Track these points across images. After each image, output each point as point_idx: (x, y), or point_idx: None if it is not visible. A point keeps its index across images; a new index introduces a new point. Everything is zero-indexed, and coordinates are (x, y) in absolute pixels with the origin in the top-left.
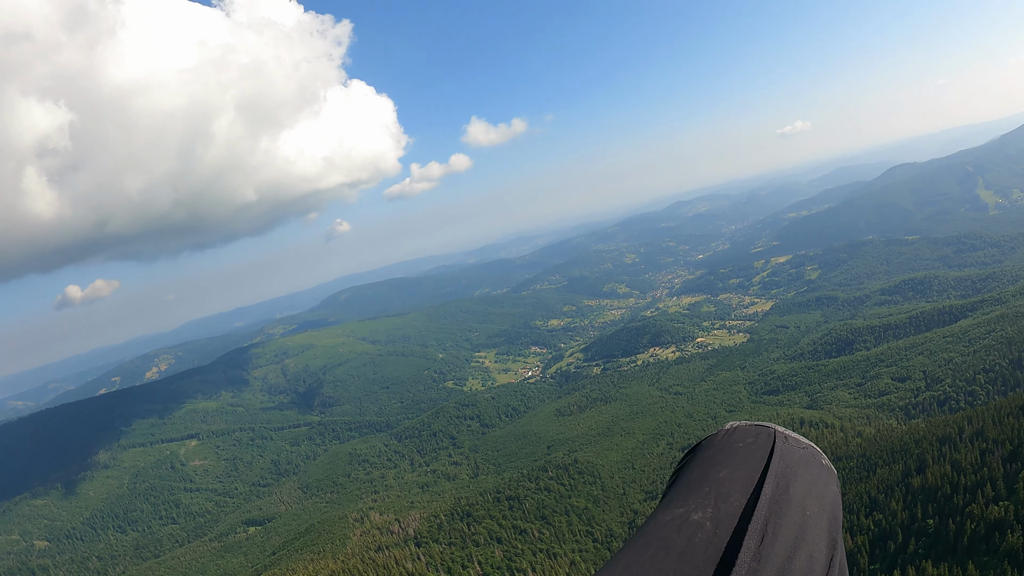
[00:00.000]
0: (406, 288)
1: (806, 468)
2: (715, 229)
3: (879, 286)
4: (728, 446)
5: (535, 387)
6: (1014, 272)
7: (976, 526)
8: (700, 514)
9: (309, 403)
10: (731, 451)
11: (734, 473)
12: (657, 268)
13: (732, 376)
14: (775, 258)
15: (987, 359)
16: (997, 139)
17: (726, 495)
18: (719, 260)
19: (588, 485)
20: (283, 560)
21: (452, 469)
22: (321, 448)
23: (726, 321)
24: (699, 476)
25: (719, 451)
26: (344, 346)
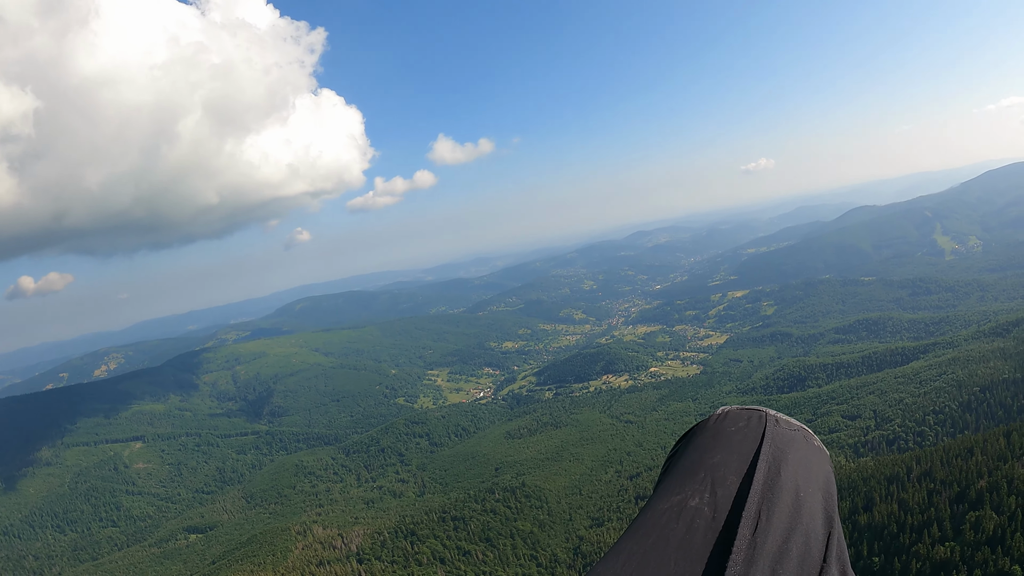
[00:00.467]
0: (363, 301)
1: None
2: (674, 260)
3: (834, 324)
4: (721, 431)
5: (486, 408)
6: (967, 317)
7: (921, 566)
8: (698, 500)
9: (258, 412)
10: (724, 436)
11: (728, 458)
12: (615, 296)
13: (684, 407)
14: (732, 292)
15: (937, 401)
16: (957, 186)
17: (722, 479)
18: (677, 291)
19: (535, 509)
20: (223, 570)
21: (399, 486)
22: (267, 458)
23: (680, 352)
24: (694, 462)
25: (712, 436)
26: (297, 356)
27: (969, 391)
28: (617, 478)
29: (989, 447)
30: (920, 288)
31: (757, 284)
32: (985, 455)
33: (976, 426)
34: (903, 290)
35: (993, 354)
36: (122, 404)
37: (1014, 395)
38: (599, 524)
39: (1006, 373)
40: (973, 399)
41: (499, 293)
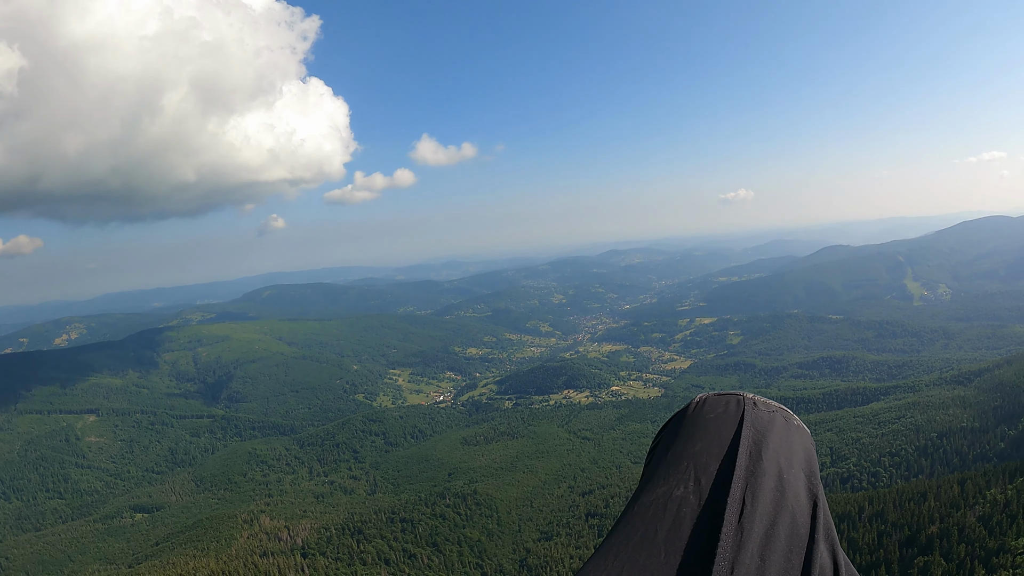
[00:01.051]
0: (331, 294)
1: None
2: (646, 282)
3: (798, 359)
4: (700, 418)
5: (445, 412)
6: (930, 363)
7: None
8: (682, 489)
9: (216, 395)
10: (704, 423)
11: (709, 444)
12: (583, 312)
13: (642, 428)
14: (700, 319)
15: (894, 443)
16: (932, 234)
17: (704, 467)
18: (645, 313)
19: (484, 517)
20: (165, 552)
21: (351, 483)
22: (221, 443)
23: (643, 373)
24: (676, 451)
25: (692, 424)
26: (260, 343)
27: (927, 436)
28: (570, 493)
29: (943, 493)
30: (886, 331)
31: (725, 313)
32: (938, 501)
33: (931, 471)
34: (869, 331)
35: (953, 401)
36: (80, 375)
37: (971, 444)
38: (548, 538)
39: (964, 421)
40: (930, 444)
41: (468, 298)
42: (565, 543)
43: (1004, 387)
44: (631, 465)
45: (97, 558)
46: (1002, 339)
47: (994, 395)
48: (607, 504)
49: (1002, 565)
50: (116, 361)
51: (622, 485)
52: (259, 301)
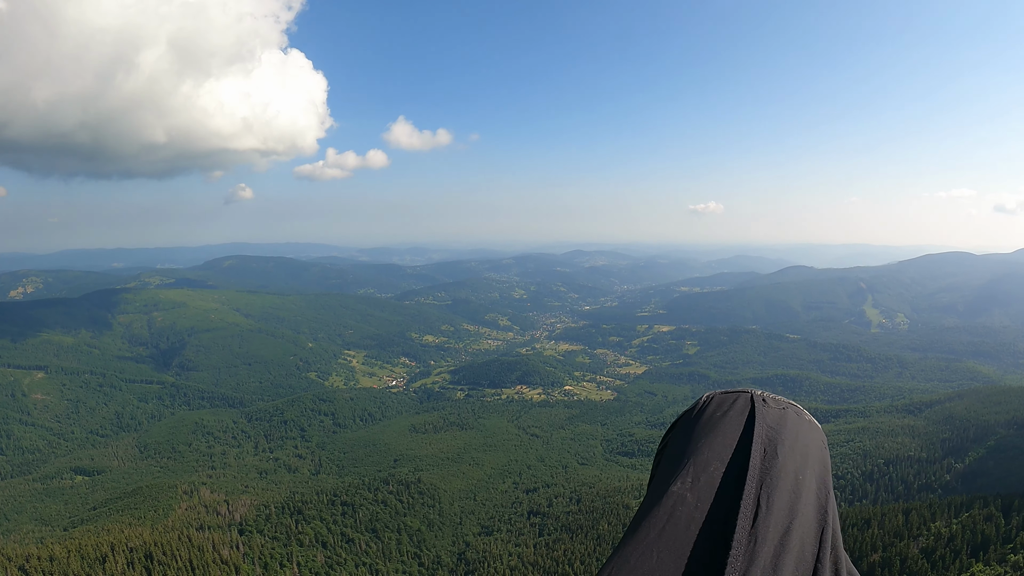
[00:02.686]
0: (292, 269)
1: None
2: (608, 285)
3: (752, 374)
4: (707, 418)
5: (396, 398)
6: (882, 390)
7: None
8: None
9: (167, 362)
10: (711, 422)
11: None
12: (543, 309)
13: (591, 430)
14: (658, 326)
15: (841, 466)
16: (895, 264)
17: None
18: (604, 315)
19: (426, 507)
20: (101, 517)
21: (295, 461)
22: (169, 410)
23: (597, 375)
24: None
25: (699, 423)
26: (216, 313)
27: (873, 462)
28: (514, 490)
29: (887, 522)
30: (842, 354)
31: (685, 322)
32: (882, 529)
33: (875, 497)
34: (825, 353)
35: (903, 430)
36: (31, 331)
37: (916, 473)
38: (488, 533)
39: (912, 451)
40: (876, 470)
41: (429, 286)
42: (505, 539)
43: (954, 420)
44: (577, 466)
45: (33, 518)
46: (955, 372)
47: (943, 427)
48: (550, 503)
49: None
50: (69, 319)
51: (567, 485)
52: (220, 270)
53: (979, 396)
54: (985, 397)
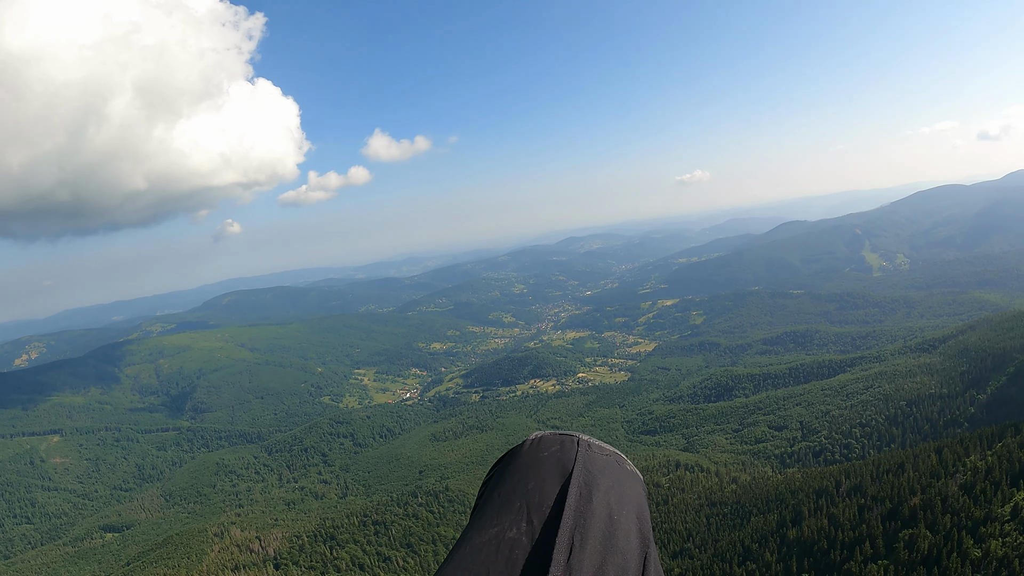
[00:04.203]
0: (291, 297)
1: (609, 474)
2: (606, 267)
3: (761, 336)
4: (535, 456)
5: (412, 409)
6: (893, 332)
7: None
8: (515, 531)
9: (180, 407)
10: (538, 461)
11: (542, 484)
12: (545, 301)
13: (610, 413)
14: (662, 301)
15: (864, 414)
16: (888, 205)
17: (537, 507)
18: (607, 298)
19: (458, 514)
20: (136, 572)
21: (321, 487)
22: (188, 455)
23: (608, 359)
24: (509, 490)
25: (526, 463)
26: (222, 351)
27: (896, 405)
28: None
29: (920, 463)
30: (848, 303)
31: (687, 294)
32: (917, 471)
33: (903, 440)
34: (831, 304)
35: (920, 369)
36: (41, 396)
37: (940, 410)
38: None
39: (932, 388)
40: (900, 413)
41: (429, 293)
42: None
43: (969, 352)
44: None
45: None
46: (963, 305)
47: (960, 360)
48: None
49: (991, 534)
50: (77, 379)
51: None
52: (219, 308)
53: (991, 325)
54: (997, 325)
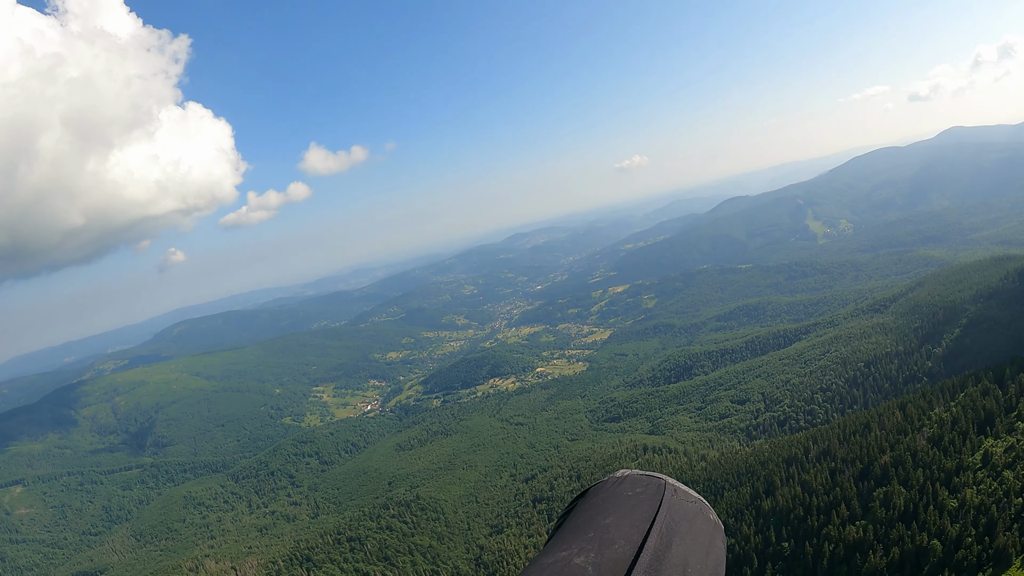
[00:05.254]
0: (242, 321)
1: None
2: (554, 260)
3: (714, 313)
4: (617, 494)
5: (375, 421)
6: (843, 296)
7: (835, 548)
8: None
9: (141, 443)
10: (619, 499)
11: (620, 521)
12: (496, 299)
13: (573, 405)
14: (613, 288)
15: (824, 379)
16: (826, 173)
17: (610, 542)
18: (558, 291)
19: (431, 521)
20: None
21: (291, 509)
22: (155, 492)
23: (565, 350)
24: (585, 521)
25: (607, 498)
26: (178, 382)
27: (854, 367)
28: (512, 482)
29: (886, 421)
30: (796, 272)
31: (637, 278)
32: (883, 429)
33: (864, 401)
34: (780, 275)
35: (874, 329)
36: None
37: (898, 368)
38: (498, 531)
39: (888, 347)
40: (859, 374)
41: (380, 304)
42: (517, 533)
43: (921, 308)
44: (568, 443)
45: None
46: (909, 263)
47: (912, 317)
48: (551, 486)
49: (965, 484)
50: (34, 425)
51: (563, 464)
52: (170, 339)
53: (939, 279)
54: (945, 279)
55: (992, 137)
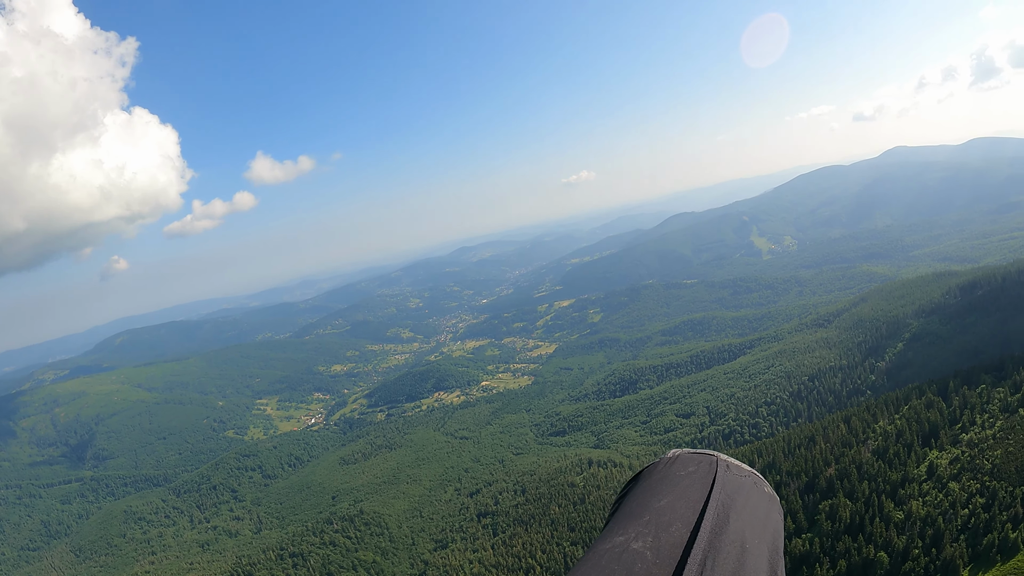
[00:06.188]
0: (186, 332)
1: (747, 497)
2: (500, 274)
3: (660, 327)
4: (669, 475)
5: (319, 435)
6: (787, 311)
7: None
8: (640, 543)
9: (82, 456)
10: (672, 480)
11: (675, 502)
12: (442, 313)
13: (518, 419)
14: (558, 302)
15: (768, 392)
16: (772, 191)
17: (666, 524)
18: (503, 304)
19: (375, 536)
20: None
21: (234, 524)
22: (95, 506)
23: (511, 364)
24: (640, 505)
25: (660, 480)
26: (119, 394)
27: (798, 381)
28: (457, 496)
29: (831, 434)
30: (741, 287)
31: (583, 293)
32: (828, 442)
33: (809, 414)
34: (725, 290)
35: (817, 344)
36: None
37: (842, 381)
38: (443, 546)
39: (832, 361)
40: (803, 388)
41: (325, 316)
42: (462, 548)
43: (864, 323)
44: (513, 457)
45: None
46: (852, 279)
47: (856, 332)
48: (496, 500)
49: (910, 495)
50: None
51: (508, 479)
52: (112, 350)
53: (883, 295)
54: (888, 294)
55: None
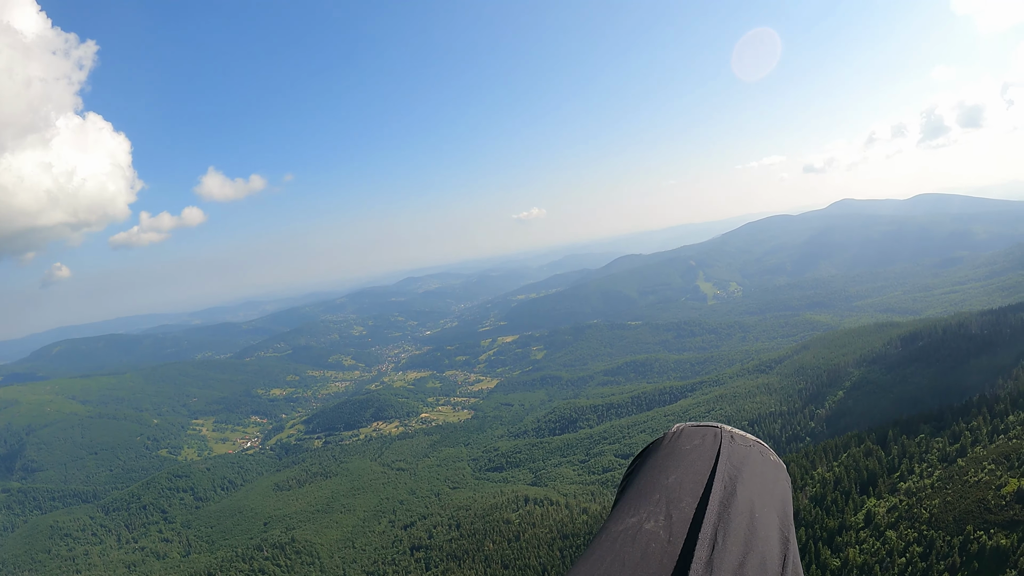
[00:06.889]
0: (125, 345)
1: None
2: (445, 306)
3: (602, 367)
4: (676, 450)
5: (254, 459)
6: (730, 356)
7: None
8: (653, 523)
9: (10, 467)
10: (679, 454)
11: (683, 477)
12: (385, 342)
13: (456, 452)
14: (502, 337)
15: None
16: (720, 237)
17: (677, 501)
18: (447, 337)
19: (306, 565)
20: None
21: (162, 546)
22: (20, 519)
23: (451, 397)
24: (649, 483)
25: (667, 455)
26: (52, 404)
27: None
28: (391, 528)
29: None
30: (685, 330)
31: (527, 329)
32: None
33: None
34: (669, 333)
35: (759, 389)
36: None
37: (782, 427)
38: None
39: (773, 406)
40: None
41: (267, 338)
42: None
43: (805, 370)
44: (450, 491)
45: None
46: (796, 327)
47: (797, 379)
48: (431, 534)
49: (847, 543)
50: None
51: (443, 513)
52: (48, 359)
53: (824, 343)
54: (830, 343)
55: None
